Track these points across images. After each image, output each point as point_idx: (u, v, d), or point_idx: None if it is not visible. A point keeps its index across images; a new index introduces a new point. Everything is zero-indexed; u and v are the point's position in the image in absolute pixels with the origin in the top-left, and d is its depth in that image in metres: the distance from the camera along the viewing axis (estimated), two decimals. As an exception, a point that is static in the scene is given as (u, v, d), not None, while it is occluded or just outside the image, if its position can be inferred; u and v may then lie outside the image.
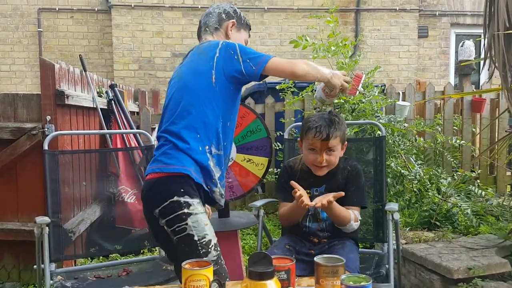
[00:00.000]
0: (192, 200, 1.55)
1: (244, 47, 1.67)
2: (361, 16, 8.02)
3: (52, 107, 2.83)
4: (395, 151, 3.58)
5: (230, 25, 1.83)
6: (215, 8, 1.86)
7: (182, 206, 1.53)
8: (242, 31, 1.89)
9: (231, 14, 1.85)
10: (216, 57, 1.62)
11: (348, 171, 2.04)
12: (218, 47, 1.64)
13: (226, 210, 2.89)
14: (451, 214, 3.26)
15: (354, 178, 2.03)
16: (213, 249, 1.57)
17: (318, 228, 2.03)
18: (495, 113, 4.81)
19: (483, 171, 4.73)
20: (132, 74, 7.69)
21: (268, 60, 1.61)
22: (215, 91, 1.62)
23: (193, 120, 1.60)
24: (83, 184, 2.72)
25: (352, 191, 2.00)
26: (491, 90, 4.20)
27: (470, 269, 2.38)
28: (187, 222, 1.53)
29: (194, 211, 1.54)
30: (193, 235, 1.54)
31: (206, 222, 1.57)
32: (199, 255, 1.53)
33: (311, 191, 2.03)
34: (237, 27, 1.86)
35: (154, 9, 7.64)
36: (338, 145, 1.95)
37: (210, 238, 1.57)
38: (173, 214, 1.54)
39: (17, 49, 7.94)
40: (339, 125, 1.93)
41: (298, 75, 1.64)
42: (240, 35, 1.87)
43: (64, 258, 2.34)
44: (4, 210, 2.96)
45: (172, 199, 1.53)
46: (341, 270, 1.23)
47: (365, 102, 3.60)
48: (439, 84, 7.72)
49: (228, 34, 1.83)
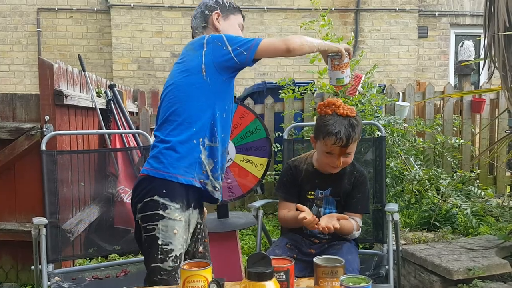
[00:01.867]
0: (170, 204, 1.55)
1: (231, 36, 1.64)
2: (361, 16, 8.01)
3: (50, 107, 2.82)
4: (395, 152, 3.58)
5: (215, 17, 1.78)
6: (198, 8, 1.83)
7: (159, 207, 1.54)
8: (231, 16, 1.83)
9: (213, 6, 1.80)
10: (204, 51, 1.61)
11: (355, 177, 2.00)
12: (205, 41, 1.62)
13: (225, 211, 2.88)
14: (451, 215, 3.26)
15: (361, 185, 2.01)
16: (171, 259, 1.54)
17: (319, 231, 2.02)
18: (494, 113, 4.81)
19: (483, 171, 4.73)
20: (131, 74, 7.68)
21: (259, 43, 1.59)
22: (207, 84, 1.61)
23: (187, 116, 1.60)
24: (82, 185, 2.71)
25: (358, 198, 1.99)
26: (491, 90, 4.20)
27: (470, 270, 2.37)
28: (158, 224, 1.54)
29: (168, 215, 1.54)
30: (158, 237, 1.54)
31: (176, 230, 1.55)
32: (155, 260, 1.54)
33: (315, 193, 2.01)
34: (224, 16, 1.81)
35: (153, 9, 7.64)
36: (354, 147, 1.91)
37: (173, 248, 1.55)
38: (148, 212, 1.55)
39: (16, 49, 7.93)
40: (357, 128, 1.87)
41: (293, 48, 1.60)
42: (230, 21, 1.81)
43: (62, 259, 2.32)
44: (2, 210, 2.95)
45: (153, 197, 1.55)
46: (340, 271, 1.23)
47: (365, 102, 3.59)
48: (439, 85, 7.72)
49: (217, 27, 1.78)
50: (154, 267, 1.54)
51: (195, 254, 1.75)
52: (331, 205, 2.01)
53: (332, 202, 2.01)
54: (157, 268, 1.54)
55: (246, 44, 1.60)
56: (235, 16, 1.84)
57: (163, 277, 1.53)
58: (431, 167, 3.88)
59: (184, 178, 1.56)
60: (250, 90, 5.22)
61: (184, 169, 1.57)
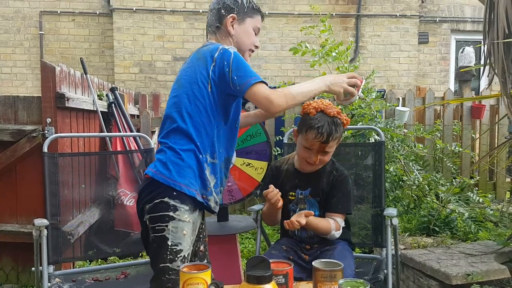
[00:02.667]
0: (180, 206, 1.56)
1: (238, 60, 1.57)
2: (362, 21, 8.04)
3: (52, 109, 2.83)
4: (394, 157, 3.59)
5: (229, 21, 1.70)
6: (216, 3, 1.74)
7: (169, 208, 1.55)
8: (248, 20, 1.73)
9: (231, 7, 1.70)
10: (213, 65, 1.57)
11: (334, 176, 2.00)
12: (216, 55, 1.58)
13: (225, 214, 2.89)
14: (450, 220, 3.26)
15: (340, 184, 1.99)
16: (180, 259, 1.56)
17: (307, 236, 2.03)
18: (494, 119, 4.82)
19: (483, 177, 4.74)
20: (132, 78, 7.70)
21: (250, 86, 1.53)
22: (212, 99, 1.60)
23: (191, 130, 1.59)
24: (82, 187, 2.72)
25: (338, 197, 1.98)
26: (491, 96, 4.21)
27: (469, 275, 2.38)
28: (168, 225, 1.55)
29: (178, 217, 1.56)
30: (168, 238, 1.55)
31: (186, 231, 1.57)
32: (164, 260, 1.55)
33: (296, 193, 2.02)
34: (239, 20, 1.72)
35: (155, 13, 7.67)
36: (334, 146, 1.93)
37: (182, 248, 1.57)
38: (158, 213, 1.56)
39: (19, 52, 7.95)
40: (339, 128, 1.89)
41: (273, 112, 1.55)
42: (245, 26, 1.73)
43: (62, 261, 2.33)
44: (3, 212, 2.96)
45: (163, 199, 1.56)
46: (339, 275, 1.24)
47: (365, 107, 3.61)
48: (439, 90, 7.74)
49: (230, 31, 1.71)
50: (163, 267, 1.56)
51: (197, 253, 1.77)
52: (313, 207, 2.01)
53: (314, 203, 2.01)
54: (166, 268, 1.56)
55: (243, 79, 1.55)
56: (253, 19, 1.75)
57: (171, 276, 1.56)
58: (431, 173, 3.89)
59: (188, 189, 1.57)
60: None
61: (189, 180, 1.58)
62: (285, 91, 1.55)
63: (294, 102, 1.56)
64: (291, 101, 1.55)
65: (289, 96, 1.55)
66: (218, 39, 1.73)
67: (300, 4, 7.85)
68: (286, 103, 1.55)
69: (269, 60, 7.82)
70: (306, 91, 1.60)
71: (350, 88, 1.65)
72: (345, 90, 1.65)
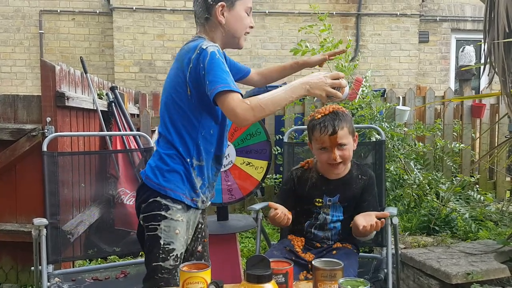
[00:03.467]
0: (172, 205, 1.57)
1: (213, 63, 1.47)
2: (362, 20, 8.04)
3: (52, 108, 2.83)
4: (395, 156, 3.59)
5: (219, 10, 1.58)
6: None
7: (161, 208, 1.56)
8: (238, 3, 1.60)
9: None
10: (190, 67, 1.52)
11: (364, 181, 2.01)
12: (193, 55, 1.51)
13: (225, 213, 2.89)
14: (450, 219, 3.26)
15: (370, 187, 2.02)
16: (172, 258, 1.56)
17: (323, 236, 2.02)
18: (495, 118, 4.82)
19: (483, 176, 4.74)
20: (132, 77, 7.70)
21: (216, 93, 1.43)
22: (192, 103, 1.55)
23: (174, 136, 1.58)
24: (82, 186, 2.72)
25: (369, 200, 2.00)
26: (491, 94, 4.21)
27: (469, 274, 2.38)
28: (160, 224, 1.56)
29: (170, 216, 1.56)
30: (160, 237, 1.56)
31: (178, 231, 1.57)
32: (157, 259, 1.56)
33: (323, 200, 2.00)
34: (228, 6, 1.59)
35: (155, 12, 7.66)
36: (347, 137, 1.90)
37: (175, 247, 1.57)
38: (151, 212, 1.57)
39: (18, 51, 7.95)
40: (343, 117, 1.88)
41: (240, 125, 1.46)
42: (236, 11, 1.60)
43: (62, 260, 2.33)
44: (3, 211, 2.96)
45: (156, 198, 1.57)
46: (339, 274, 1.23)
47: (365, 107, 3.61)
48: (440, 89, 7.73)
49: (220, 20, 1.59)
50: (155, 266, 1.56)
51: (194, 253, 1.76)
52: (338, 212, 2.01)
53: (339, 208, 2.00)
54: (158, 267, 1.56)
55: (211, 85, 1.45)
56: (241, 2, 1.61)
57: (163, 275, 1.56)
58: (431, 172, 3.89)
59: (174, 193, 1.57)
60: (251, 93, 5.23)
61: (175, 184, 1.57)
62: (253, 103, 1.43)
63: (264, 113, 1.45)
64: (260, 113, 1.44)
65: (257, 108, 1.43)
66: (207, 31, 1.63)
67: (300, 3, 7.85)
68: (254, 117, 1.43)
69: (269, 59, 7.82)
70: (279, 99, 1.46)
71: (332, 91, 1.49)
72: (328, 93, 1.49)
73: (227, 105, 1.43)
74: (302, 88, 1.48)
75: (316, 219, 2.01)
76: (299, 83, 1.49)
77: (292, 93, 1.48)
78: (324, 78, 1.49)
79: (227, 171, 2.80)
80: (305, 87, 1.48)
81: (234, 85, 1.46)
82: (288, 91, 1.48)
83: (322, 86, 1.48)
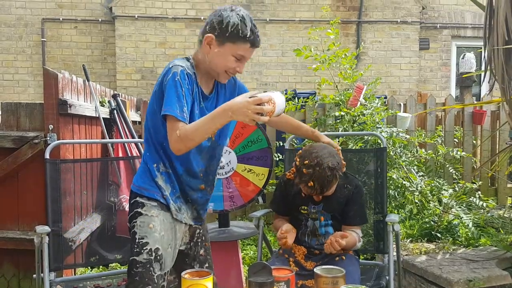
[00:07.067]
0: (147, 202, 1.66)
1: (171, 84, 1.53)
2: (363, 28, 8.07)
3: (54, 116, 2.84)
4: (397, 163, 3.59)
5: (208, 39, 1.61)
6: (209, 16, 1.67)
7: (138, 206, 1.67)
8: (228, 45, 1.60)
9: (214, 27, 1.60)
10: (160, 81, 1.61)
11: (349, 190, 2.01)
12: (164, 72, 1.62)
13: (226, 220, 2.88)
14: (452, 226, 3.26)
15: (356, 197, 2.02)
16: (146, 252, 1.61)
17: (318, 243, 2.03)
18: (495, 125, 4.82)
19: (484, 183, 4.73)
20: (134, 84, 7.73)
21: (162, 115, 1.54)
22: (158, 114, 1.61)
23: (148, 139, 1.70)
24: (84, 193, 2.73)
25: (355, 210, 2.01)
26: (492, 101, 4.22)
27: (471, 281, 2.37)
28: (136, 221, 1.65)
29: (145, 212, 1.65)
30: (136, 232, 1.64)
31: (152, 225, 1.64)
32: (132, 253, 1.64)
33: (308, 208, 2.03)
34: (218, 42, 1.60)
35: (157, 20, 7.71)
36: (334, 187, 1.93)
37: (148, 241, 1.62)
38: (131, 212, 1.69)
39: (21, 59, 7.99)
40: (335, 178, 1.87)
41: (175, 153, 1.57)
42: (222, 50, 1.61)
43: (64, 267, 2.33)
44: (5, 218, 2.96)
45: (136, 199, 1.69)
46: (341, 281, 1.24)
47: (367, 114, 3.61)
48: (440, 96, 7.75)
49: (205, 49, 1.63)
50: (131, 260, 1.63)
51: (196, 257, 1.80)
52: (326, 217, 2.02)
53: (327, 215, 2.03)
54: (133, 261, 1.62)
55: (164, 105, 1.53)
56: (234, 45, 1.61)
57: (138, 269, 1.60)
58: (433, 178, 3.89)
59: (147, 192, 1.68)
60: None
61: (149, 184, 1.68)
62: (182, 135, 1.50)
63: (193, 143, 1.54)
64: (190, 143, 1.53)
65: (186, 139, 1.51)
66: (197, 53, 1.70)
67: (301, 11, 7.89)
68: (185, 147, 1.53)
69: (270, 67, 7.85)
70: (205, 128, 1.51)
71: (256, 116, 1.44)
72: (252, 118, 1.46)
73: (168, 129, 1.54)
74: (224, 115, 1.49)
75: (305, 226, 2.03)
76: (222, 109, 1.51)
77: (215, 122, 1.51)
78: (247, 103, 1.45)
79: (228, 178, 2.80)
80: (228, 114, 1.49)
81: (179, 112, 1.51)
82: (211, 120, 1.51)
83: (245, 112, 1.45)
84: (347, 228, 2.00)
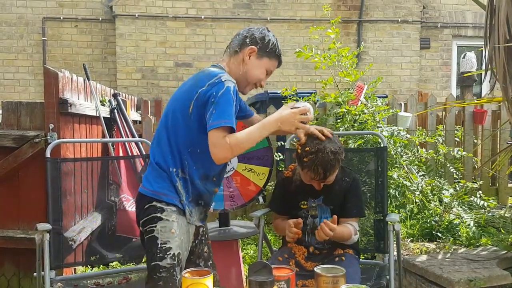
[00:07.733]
0: (167, 207, 1.67)
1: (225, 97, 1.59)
2: (364, 27, 8.07)
3: (55, 115, 2.84)
4: (397, 162, 3.58)
5: (249, 51, 1.75)
6: (245, 31, 1.80)
7: (156, 210, 1.66)
8: (265, 59, 1.78)
9: (256, 41, 1.76)
10: (202, 89, 1.62)
11: (347, 183, 2.03)
12: (211, 81, 1.62)
13: (226, 220, 2.88)
14: (453, 226, 3.25)
15: (354, 190, 2.03)
16: (170, 257, 1.64)
17: (316, 242, 2.03)
18: (496, 124, 4.82)
19: (485, 182, 4.72)
20: (135, 83, 7.73)
21: (211, 129, 1.57)
22: (189, 119, 1.65)
23: (169, 144, 1.69)
24: (85, 192, 2.73)
25: (352, 202, 2.01)
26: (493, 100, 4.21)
27: (471, 280, 2.37)
28: (156, 225, 1.65)
29: (165, 217, 1.66)
30: (157, 237, 1.64)
31: (174, 230, 1.66)
32: (155, 258, 1.64)
33: (308, 202, 2.03)
34: (258, 55, 1.76)
35: (157, 19, 7.71)
36: (335, 173, 1.93)
37: (171, 246, 1.64)
38: (148, 216, 1.67)
39: (21, 58, 7.99)
40: (338, 162, 1.87)
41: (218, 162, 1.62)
42: (261, 63, 1.77)
43: (64, 266, 2.33)
44: (6, 217, 2.96)
45: (152, 203, 1.67)
46: (341, 281, 1.24)
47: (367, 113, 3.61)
48: (441, 95, 7.74)
49: (245, 59, 1.75)
50: (154, 265, 1.63)
51: (201, 254, 1.84)
52: (325, 213, 2.02)
53: (326, 210, 2.02)
54: (156, 266, 1.63)
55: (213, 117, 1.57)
56: (270, 60, 1.80)
57: (162, 274, 1.62)
58: (434, 178, 3.88)
59: (166, 197, 1.67)
60: (253, 100, 5.25)
61: (167, 189, 1.68)
62: (233, 143, 1.58)
63: (241, 151, 1.65)
64: (238, 151, 1.63)
65: (236, 148, 1.60)
66: (229, 62, 1.78)
67: (302, 10, 7.89)
68: (232, 154, 1.61)
69: (271, 66, 7.84)
70: (254, 138, 1.65)
71: (301, 125, 1.73)
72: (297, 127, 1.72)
73: (212, 140, 1.58)
74: (274, 125, 1.69)
75: (304, 224, 2.02)
76: (273, 120, 1.69)
77: (266, 131, 1.68)
78: (293, 114, 1.71)
79: (229, 177, 2.80)
80: (277, 124, 1.69)
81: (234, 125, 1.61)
82: (262, 129, 1.67)
83: (292, 122, 1.71)
84: (343, 221, 1.99)
